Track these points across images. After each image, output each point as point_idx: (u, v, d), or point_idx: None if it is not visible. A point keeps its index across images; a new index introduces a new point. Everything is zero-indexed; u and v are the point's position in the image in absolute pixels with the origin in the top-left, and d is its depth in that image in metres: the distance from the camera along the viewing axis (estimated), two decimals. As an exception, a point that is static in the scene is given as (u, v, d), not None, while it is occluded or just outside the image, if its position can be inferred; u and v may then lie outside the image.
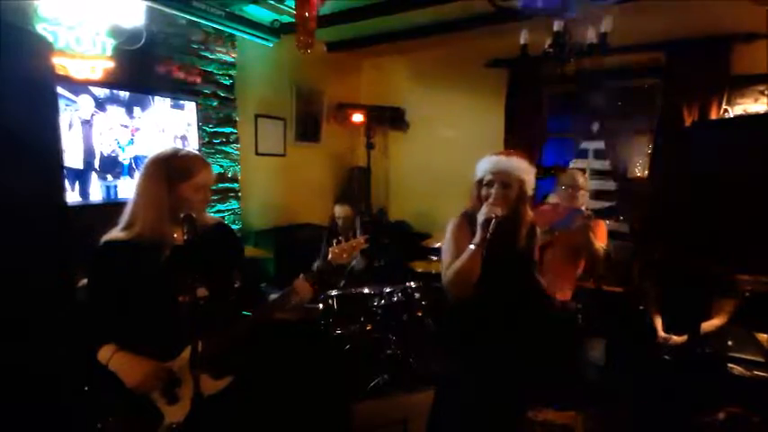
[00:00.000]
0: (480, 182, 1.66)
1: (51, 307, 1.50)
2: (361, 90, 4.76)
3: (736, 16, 2.96)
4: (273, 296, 1.41)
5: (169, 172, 1.32)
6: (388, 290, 2.61)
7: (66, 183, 2.29)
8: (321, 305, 2.53)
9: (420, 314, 2.67)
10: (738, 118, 3.03)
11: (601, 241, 2.32)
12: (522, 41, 2.67)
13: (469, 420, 1.69)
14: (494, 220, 1.53)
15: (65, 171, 1.67)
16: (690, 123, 3.14)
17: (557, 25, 2.48)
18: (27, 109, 1.46)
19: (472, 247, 1.56)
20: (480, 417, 1.67)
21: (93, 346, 1.29)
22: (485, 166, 1.66)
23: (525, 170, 1.63)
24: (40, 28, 2.11)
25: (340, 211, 2.93)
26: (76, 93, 2.48)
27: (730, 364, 2.35)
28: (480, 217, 1.55)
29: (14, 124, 1.39)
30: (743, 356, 2.36)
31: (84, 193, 2.58)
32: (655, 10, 3.10)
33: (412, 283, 2.70)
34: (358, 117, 4.20)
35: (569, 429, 2.33)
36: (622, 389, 2.47)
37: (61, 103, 2.26)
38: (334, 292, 2.56)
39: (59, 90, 1.90)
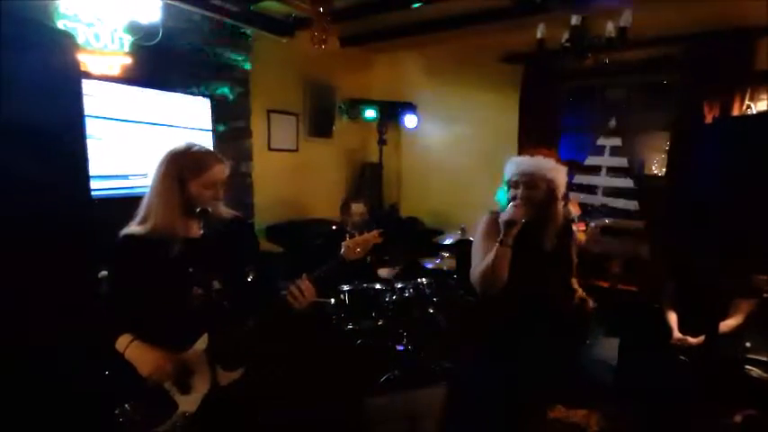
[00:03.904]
0: (507, 184, 1.67)
1: (76, 297, 1.54)
2: (373, 85, 4.74)
3: (759, 9, 2.86)
4: (284, 292, 1.42)
5: (181, 168, 1.34)
6: (399, 285, 2.61)
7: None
8: (333, 300, 2.55)
9: (431, 310, 2.68)
10: (762, 114, 2.95)
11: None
12: (538, 36, 2.63)
13: (485, 415, 1.69)
14: (517, 225, 1.52)
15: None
16: (711, 120, 3.06)
17: (575, 19, 2.44)
18: (54, 104, 1.50)
19: (497, 246, 1.55)
20: (497, 412, 1.68)
21: (112, 335, 1.32)
22: (510, 167, 1.66)
23: (552, 169, 1.62)
24: (61, 24, 2.16)
25: (356, 208, 2.92)
26: (95, 88, 2.52)
27: (747, 366, 2.31)
28: (503, 216, 1.55)
29: (42, 119, 1.43)
30: (761, 358, 2.32)
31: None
32: (674, 3, 3.02)
33: (423, 280, 2.70)
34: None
35: (582, 428, 2.32)
36: (636, 389, 2.44)
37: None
38: (346, 287, 2.57)
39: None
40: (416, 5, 3.04)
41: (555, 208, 1.65)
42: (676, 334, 2.48)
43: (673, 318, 2.54)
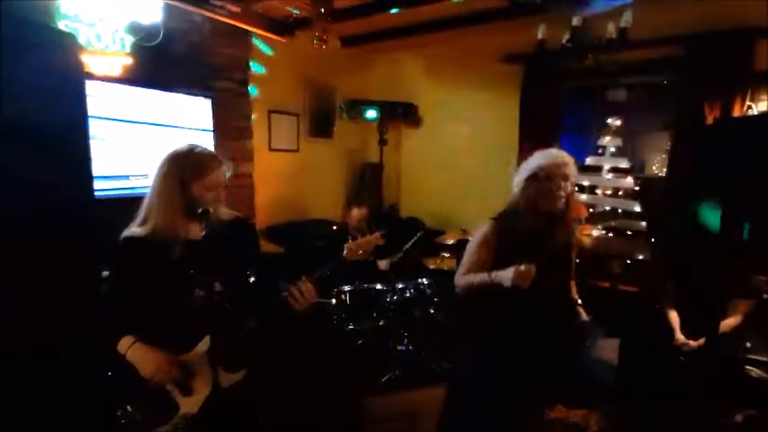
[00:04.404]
0: (533, 177, 1.60)
1: (77, 297, 1.55)
2: (373, 85, 4.75)
3: (759, 9, 2.86)
4: (284, 293, 1.43)
5: (182, 170, 1.34)
6: (400, 286, 2.62)
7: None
8: (334, 300, 2.55)
9: (432, 310, 2.68)
10: (762, 115, 2.95)
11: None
12: (539, 36, 2.64)
13: (485, 415, 1.69)
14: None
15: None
16: (711, 120, 3.06)
17: (575, 20, 2.44)
18: (57, 105, 1.50)
19: (486, 278, 1.54)
20: (496, 412, 1.68)
21: (113, 336, 1.33)
22: (539, 161, 1.61)
23: (573, 164, 1.62)
24: (62, 25, 2.16)
25: (357, 212, 2.94)
26: (96, 89, 2.52)
27: (747, 366, 2.31)
28: (508, 277, 1.50)
29: (45, 120, 1.43)
30: (761, 358, 2.32)
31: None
32: (674, 3, 3.02)
33: (424, 280, 2.71)
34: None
35: (581, 428, 2.32)
36: (636, 389, 2.44)
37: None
38: (347, 288, 2.58)
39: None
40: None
41: (570, 206, 1.65)
42: (678, 336, 2.47)
43: (674, 318, 2.54)
